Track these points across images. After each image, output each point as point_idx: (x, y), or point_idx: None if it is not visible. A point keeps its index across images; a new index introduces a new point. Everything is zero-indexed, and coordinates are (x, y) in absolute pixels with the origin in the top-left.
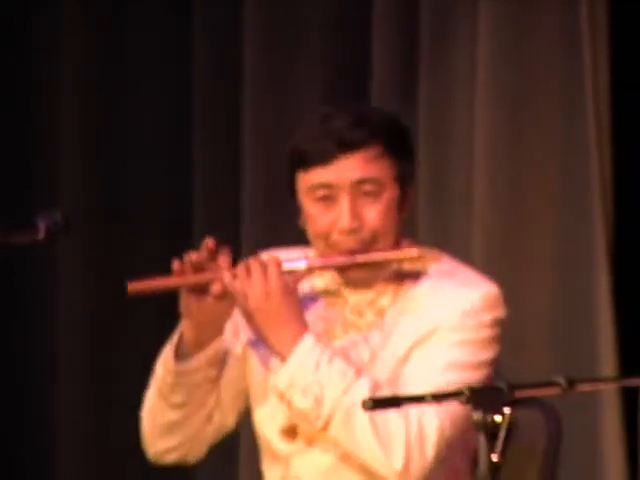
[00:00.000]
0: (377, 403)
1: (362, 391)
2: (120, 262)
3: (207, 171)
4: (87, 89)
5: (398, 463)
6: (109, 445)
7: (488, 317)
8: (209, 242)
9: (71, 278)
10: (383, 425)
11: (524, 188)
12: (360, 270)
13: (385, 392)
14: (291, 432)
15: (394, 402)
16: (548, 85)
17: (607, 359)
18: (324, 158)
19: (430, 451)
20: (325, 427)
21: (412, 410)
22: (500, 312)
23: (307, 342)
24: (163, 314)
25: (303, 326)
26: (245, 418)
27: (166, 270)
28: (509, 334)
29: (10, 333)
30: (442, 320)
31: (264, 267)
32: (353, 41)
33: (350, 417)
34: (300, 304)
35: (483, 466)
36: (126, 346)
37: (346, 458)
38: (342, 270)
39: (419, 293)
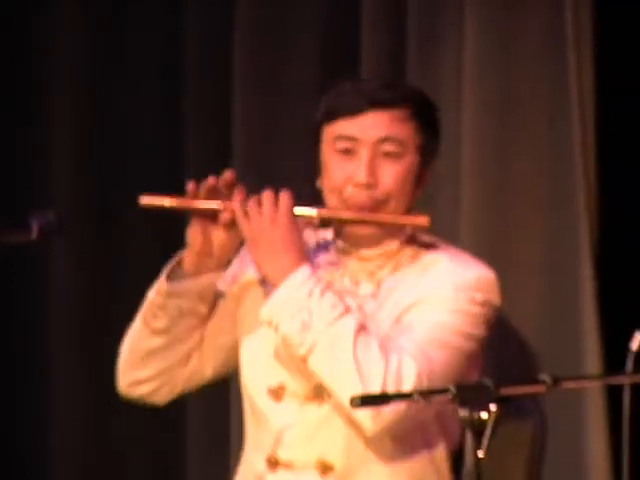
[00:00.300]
0: (365, 401)
1: (348, 326)
2: (112, 262)
3: (199, 170)
4: (79, 89)
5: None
6: (109, 445)
7: (480, 296)
8: (228, 174)
9: (64, 278)
10: (364, 362)
11: (511, 192)
12: (367, 228)
13: (371, 336)
14: (278, 392)
15: (382, 399)
16: (534, 89)
17: (592, 361)
18: (352, 111)
19: (409, 384)
20: (307, 355)
21: (393, 354)
22: (493, 296)
23: (304, 271)
24: None
25: (302, 258)
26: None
27: (158, 270)
28: (497, 335)
29: (3, 332)
30: (435, 290)
31: (276, 199)
32: (342, 43)
33: (333, 348)
34: (302, 239)
35: (469, 462)
36: (119, 345)
37: (331, 419)
38: (351, 225)
39: (417, 268)
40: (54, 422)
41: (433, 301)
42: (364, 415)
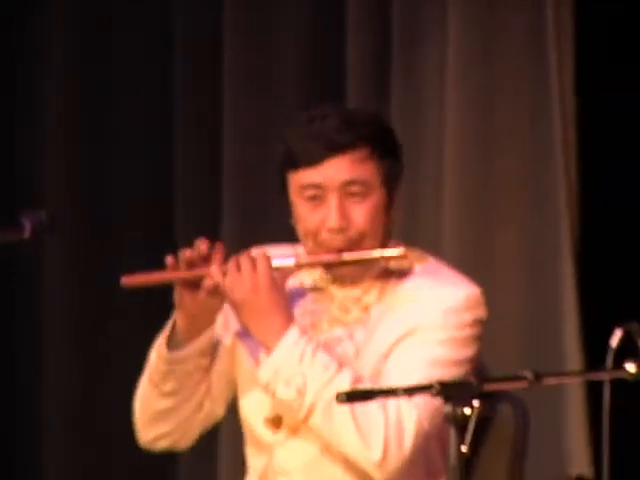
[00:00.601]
0: (351, 396)
1: (344, 383)
2: (103, 261)
3: (189, 171)
4: (71, 89)
5: (377, 454)
6: (100, 444)
7: (469, 316)
8: (201, 244)
9: (55, 277)
10: (363, 417)
11: (493, 190)
12: (347, 268)
13: (367, 386)
14: (276, 422)
15: (367, 395)
16: (516, 87)
17: (573, 357)
18: (313, 160)
19: (408, 443)
20: (307, 418)
21: (391, 403)
22: (481, 313)
23: (292, 334)
24: (150, 312)
25: (289, 319)
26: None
27: (150, 267)
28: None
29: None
30: (425, 317)
31: (254, 262)
32: (329, 44)
33: (331, 408)
34: (287, 299)
35: (453, 457)
36: (112, 344)
37: (329, 449)
38: (329, 267)
39: (404, 291)
40: (45, 420)
41: (422, 332)
42: (370, 467)
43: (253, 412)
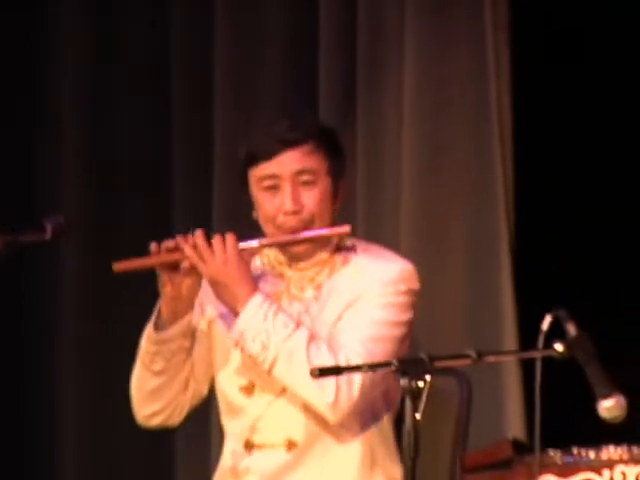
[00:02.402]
0: (323, 371)
1: (301, 338)
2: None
3: (185, 173)
4: (82, 92)
5: (330, 398)
6: (112, 431)
7: (404, 286)
8: (178, 236)
9: (71, 273)
10: (334, 374)
11: (442, 195)
12: (302, 246)
13: (320, 342)
14: (249, 389)
15: (337, 371)
16: (461, 107)
17: (509, 338)
18: (269, 154)
19: (356, 390)
20: (271, 369)
21: (342, 358)
22: (414, 284)
23: (257, 299)
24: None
25: (254, 287)
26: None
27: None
28: (429, 312)
29: (18, 320)
30: (368, 287)
31: (223, 241)
32: (305, 60)
33: (292, 360)
34: (250, 271)
35: (408, 423)
36: (121, 331)
37: (295, 408)
38: (287, 246)
39: (349, 269)
40: (60, 406)
41: (366, 299)
42: (324, 408)
43: (228, 384)
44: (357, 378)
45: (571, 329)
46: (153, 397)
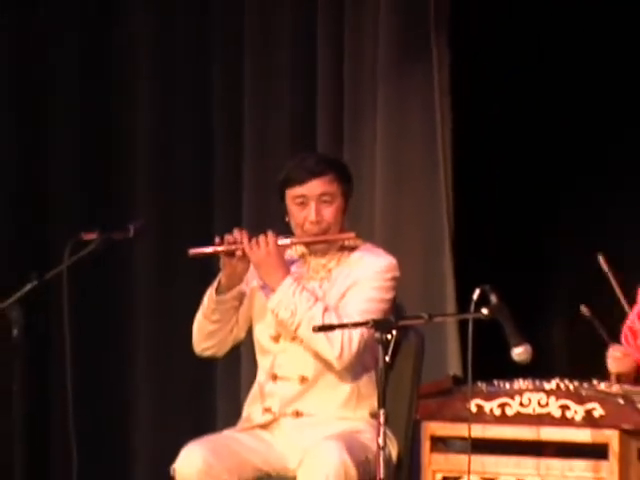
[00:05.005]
0: (321, 328)
1: (319, 309)
2: (173, 247)
3: (225, 180)
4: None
5: (337, 352)
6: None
7: (390, 274)
8: (235, 230)
9: (141, 266)
10: (330, 331)
11: (403, 207)
12: (320, 245)
13: (332, 312)
14: (277, 337)
15: (331, 327)
16: (416, 139)
17: (450, 304)
18: (301, 181)
19: (354, 347)
20: (296, 330)
21: (346, 320)
22: (397, 273)
23: (288, 280)
24: (204, 278)
25: (287, 272)
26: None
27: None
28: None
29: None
30: (363, 275)
31: (266, 238)
32: (308, 100)
33: (311, 324)
34: (285, 261)
35: (380, 364)
36: (183, 299)
37: (307, 354)
38: (310, 245)
39: (352, 260)
40: (136, 347)
41: (363, 282)
42: (333, 359)
43: (262, 333)
44: (355, 340)
45: (493, 298)
46: (209, 337)
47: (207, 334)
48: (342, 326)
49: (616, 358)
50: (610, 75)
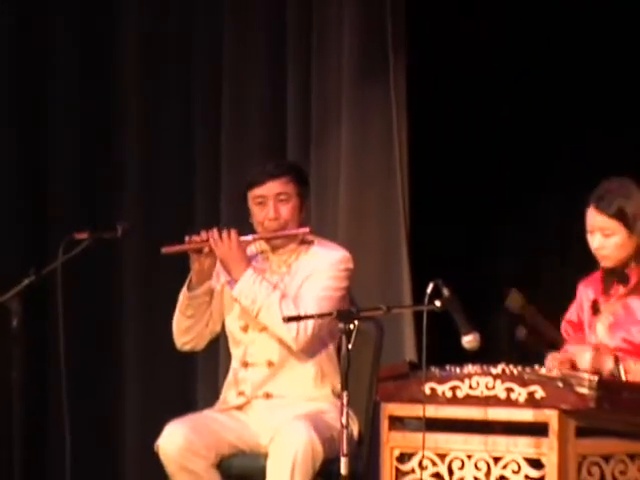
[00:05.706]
0: (289, 319)
1: (276, 297)
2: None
3: (203, 190)
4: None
5: (293, 334)
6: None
7: (344, 266)
8: (202, 231)
9: (132, 263)
10: (298, 321)
11: (364, 210)
12: (279, 240)
13: (288, 299)
14: (245, 328)
15: (298, 318)
16: (376, 147)
17: (407, 297)
18: (261, 182)
19: (309, 331)
20: (256, 315)
21: (302, 311)
22: (350, 265)
23: (249, 272)
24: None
25: (249, 264)
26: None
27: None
28: (357, 280)
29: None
30: (319, 266)
31: (229, 234)
32: (281, 115)
33: (270, 310)
34: (247, 255)
35: (343, 351)
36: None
37: (272, 339)
38: (270, 240)
39: (309, 255)
40: (128, 345)
41: (319, 273)
42: (290, 341)
43: (232, 323)
44: (310, 323)
45: (445, 291)
46: (187, 332)
47: (184, 329)
48: (309, 317)
49: (554, 366)
50: (557, 85)
